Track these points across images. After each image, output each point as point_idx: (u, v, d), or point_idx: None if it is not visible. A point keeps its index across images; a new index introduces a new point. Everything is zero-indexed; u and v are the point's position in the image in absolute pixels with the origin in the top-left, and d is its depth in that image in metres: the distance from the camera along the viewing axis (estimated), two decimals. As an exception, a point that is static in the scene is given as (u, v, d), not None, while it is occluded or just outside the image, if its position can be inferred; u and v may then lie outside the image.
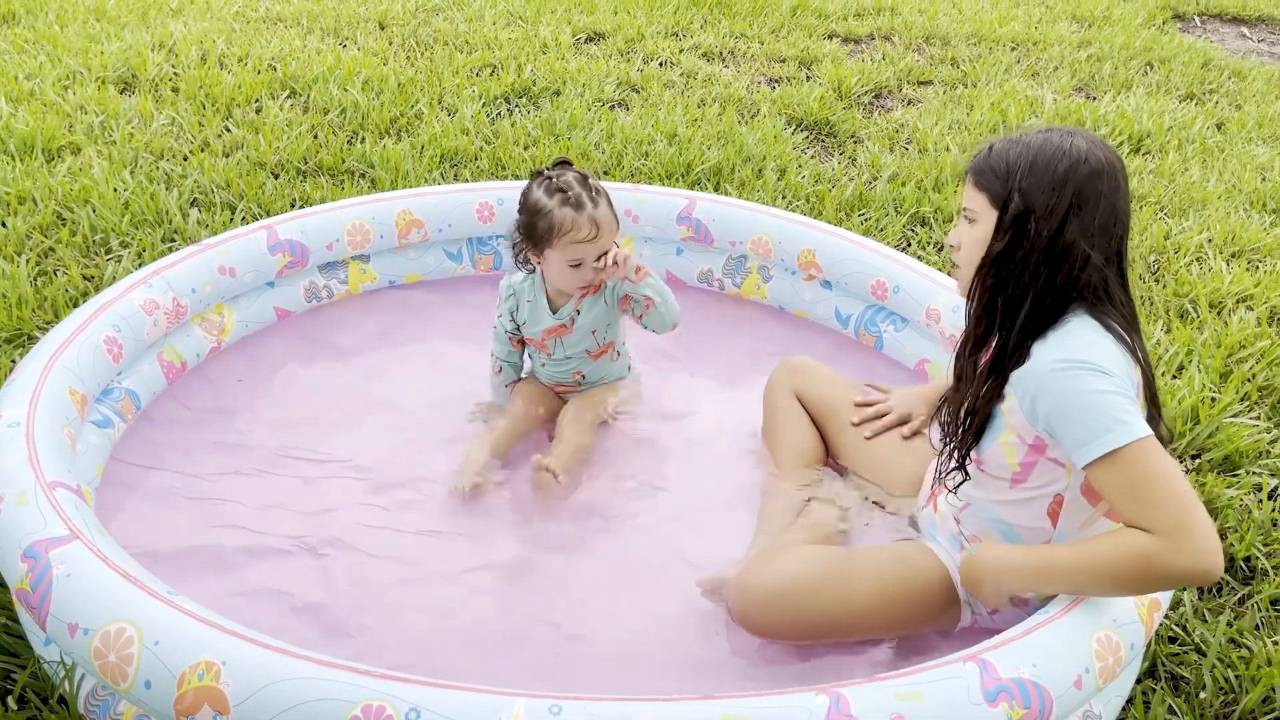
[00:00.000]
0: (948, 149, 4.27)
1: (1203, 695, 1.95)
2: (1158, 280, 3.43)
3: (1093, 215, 1.71)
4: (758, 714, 1.50)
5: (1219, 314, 3.25)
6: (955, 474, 1.91)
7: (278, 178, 3.64)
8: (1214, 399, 2.78)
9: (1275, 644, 2.06)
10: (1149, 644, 2.00)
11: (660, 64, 5.13)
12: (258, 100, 4.27)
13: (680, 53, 5.29)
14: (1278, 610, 2.18)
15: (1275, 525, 2.38)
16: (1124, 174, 1.75)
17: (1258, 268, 3.55)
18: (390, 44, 5.13)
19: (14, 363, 2.56)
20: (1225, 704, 1.96)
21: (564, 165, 2.39)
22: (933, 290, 2.77)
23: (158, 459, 2.37)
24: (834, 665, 1.95)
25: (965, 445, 1.87)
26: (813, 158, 4.23)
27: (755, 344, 2.96)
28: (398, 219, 3.00)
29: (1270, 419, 2.77)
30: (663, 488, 2.42)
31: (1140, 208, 3.92)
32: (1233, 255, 3.62)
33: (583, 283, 2.39)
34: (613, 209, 2.35)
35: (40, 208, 3.29)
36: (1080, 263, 1.71)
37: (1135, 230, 3.67)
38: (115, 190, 3.41)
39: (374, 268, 3.05)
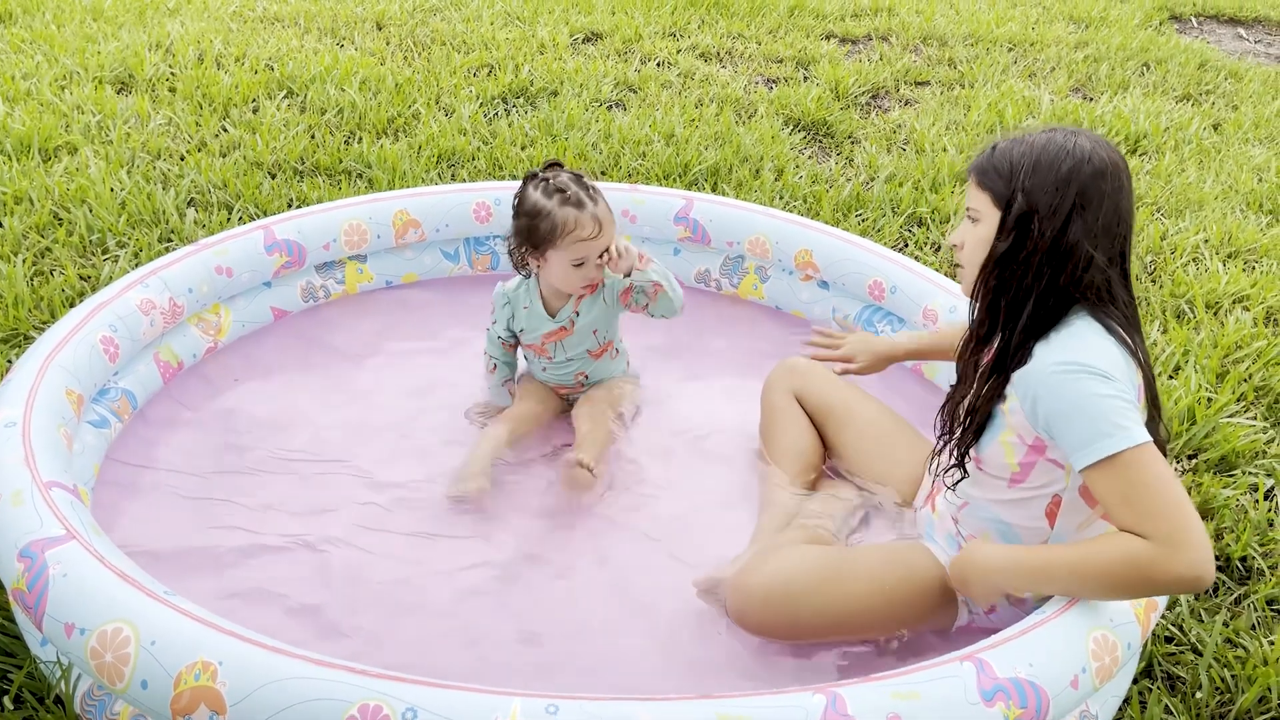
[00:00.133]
0: (945, 149, 4.28)
1: (1199, 695, 1.95)
2: (1154, 281, 3.44)
3: (1096, 215, 1.70)
4: (754, 713, 1.50)
5: (1215, 314, 3.25)
6: (954, 471, 1.91)
7: (275, 178, 3.64)
8: (1210, 399, 2.79)
9: (1271, 644, 2.06)
10: (1145, 644, 2.01)
11: (658, 64, 5.13)
12: (255, 100, 4.26)
13: (678, 53, 5.29)
14: (1274, 610, 2.18)
15: (1271, 525, 2.38)
16: (1127, 174, 1.75)
17: (1254, 268, 3.56)
18: (387, 44, 5.12)
19: (10, 363, 2.56)
20: (1221, 704, 1.96)
21: (555, 167, 2.38)
22: (930, 290, 2.77)
23: (154, 459, 2.37)
24: (831, 665, 1.95)
25: (965, 444, 1.87)
26: (810, 158, 4.23)
27: (752, 344, 2.97)
28: (395, 219, 3.00)
29: (1267, 419, 2.77)
30: (660, 488, 2.42)
31: (1137, 208, 3.91)
32: (1229, 256, 3.62)
33: (586, 282, 2.39)
34: (609, 205, 2.35)
35: (37, 207, 3.28)
36: (1083, 263, 1.71)
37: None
38: (112, 190, 3.41)
39: (371, 268, 3.04)
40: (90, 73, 4.36)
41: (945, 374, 2.71)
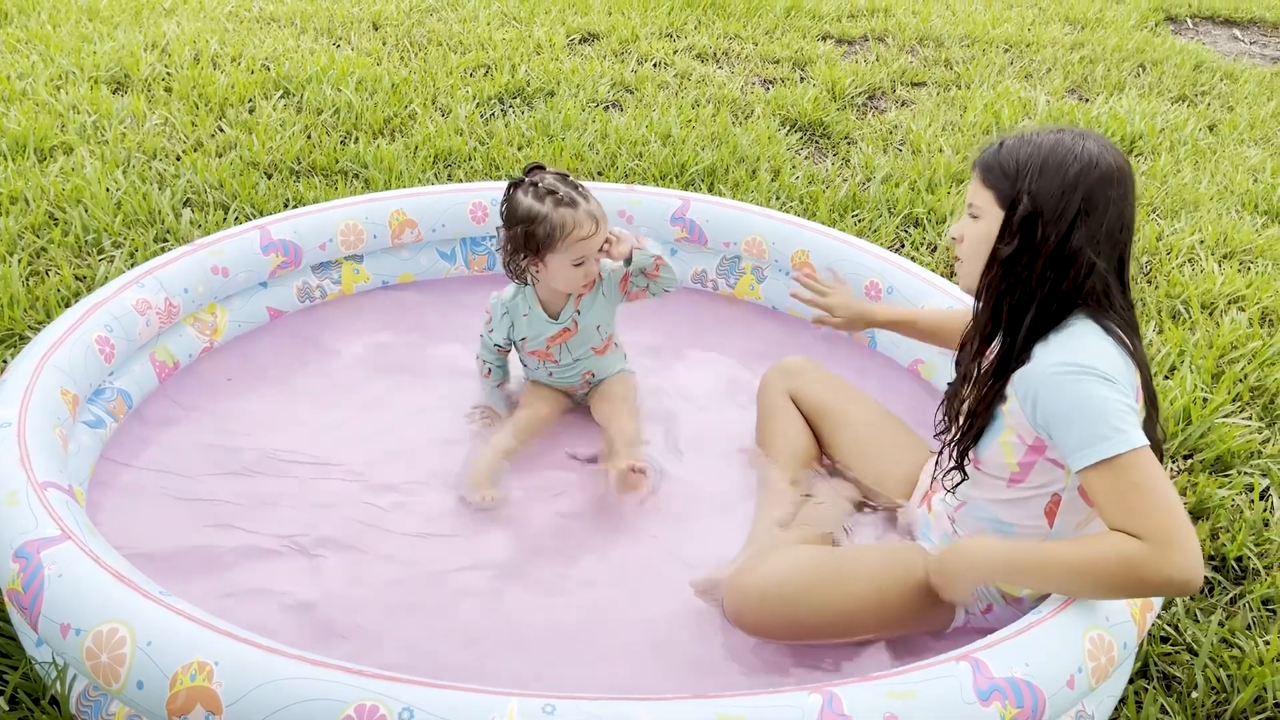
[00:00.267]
0: (941, 150, 4.28)
1: (1195, 695, 1.95)
2: (1150, 281, 3.44)
3: (1100, 221, 1.69)
4: (751, 713, 1.50)
5: (1211, 315, 3.26)
6: (953, 474, 1.91)
7: (271, 178, 3.64)
8: (1206, 399, 2.79)
9: (1267, 644, 2.06)
10: (1141, 644, 2.01)
11: (654, 65, 5.14)
12: (251, 100, 4.26)
13: (674, 54, 5.29)
14: (1269, 610, 2.19)
15: (1267, 525, 2.39)
16: (1132, 179, 1.73)
17: (1249, 269, 3.56)
18: (384, 44, 5.12)
19: (5, 363, 2.56)
20: (1217, 704, 1.96)
21: (538, 169, 2.35)
22: (926, 291, 2.77)
23: (150, 459, 2.37)
24: (828, 664, 1.96)
25: (964, 445, 1.87)
26: (806, 159, 4.24)
27: (749, 344, 2.97)
28: (391, 219, 2.99)
29: (1262, 419, 2.78)
30: (657, 488, 2.41)
31: (1133, 209, 3.93)
32: (1225, 256, 3.63)
33: (587, 279, 2.38)
34: (596, 199, 2.35)
35: (32, 207, 3.28)
36: (1086, 269, 1.70)
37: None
38: (108, 190, 3.40)
39: (367, 268, 3.04)
40: (86, 73, 4.36)
41: (942, 374, 2.72)
